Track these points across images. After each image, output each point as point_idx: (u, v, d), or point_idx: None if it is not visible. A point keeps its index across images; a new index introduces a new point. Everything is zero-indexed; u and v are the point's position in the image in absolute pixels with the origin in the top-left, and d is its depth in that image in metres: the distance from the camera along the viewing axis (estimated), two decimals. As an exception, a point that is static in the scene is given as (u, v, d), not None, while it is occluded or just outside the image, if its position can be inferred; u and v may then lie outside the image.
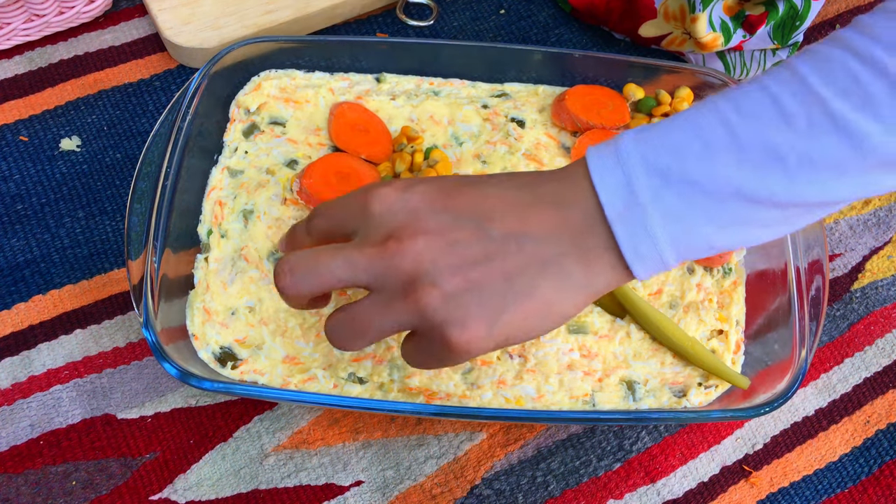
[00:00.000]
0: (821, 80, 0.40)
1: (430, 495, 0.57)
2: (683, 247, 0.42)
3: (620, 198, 0.41)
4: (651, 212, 0.40)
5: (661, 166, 0.40)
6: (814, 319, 0.56)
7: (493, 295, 0.41)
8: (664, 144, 0.41)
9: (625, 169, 0.41)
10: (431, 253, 0.41)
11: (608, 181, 0.41)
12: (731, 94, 0.42)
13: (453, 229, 0.42)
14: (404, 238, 0.42)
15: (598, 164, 0.42)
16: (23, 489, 0.55)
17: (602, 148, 0.43)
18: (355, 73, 0.67)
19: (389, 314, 0.43)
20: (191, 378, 0.51)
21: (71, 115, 0.69)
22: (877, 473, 0.60)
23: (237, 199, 0.60)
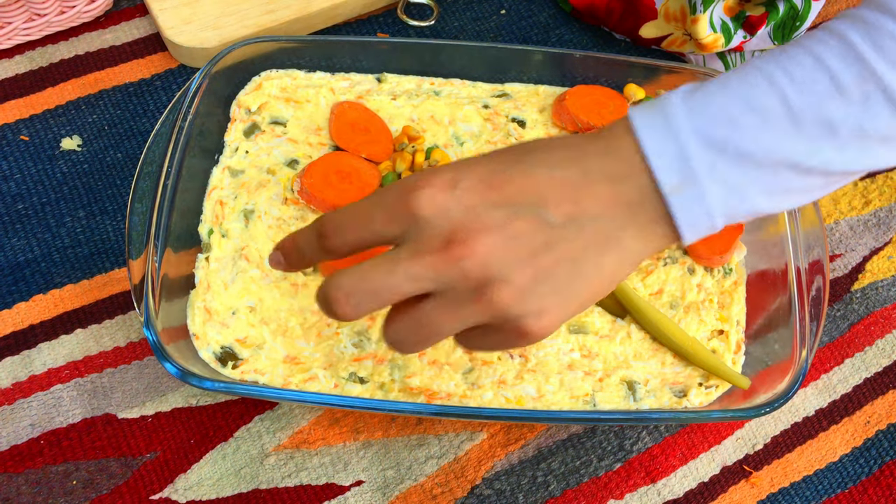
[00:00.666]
0: (872, 50, 0.40)
1: (430, 495, 0.57)
2: (733, 213, 0.42)
3: (676, 171, 0.40)
4: (708, 185, 0.40)
5: (717, 139, 0.40)
6: (814, 320, 0.56)
7: (563, 280, 0.41)
8: (718, 116, 0.40)
9: (678, 141, 0.40)
10: (498, 250, 0.40)
11: (662, 154, 0.40)
12: (779, 59, 0.41)
13: (513, 221, 0.40)
14: (468, 240, 0.40)
15: (648, 134, 0.41)
16: (23, 489, 0.55)
17: (648, 115, 0.41)
18: (356, 73, 0.67)
19: (461, 316, 0.41)
20: (191, 377, 0.51)
21: (72, 114, 0.69)
22: (877, 474, 0.60)
23: (238, 199, 0.60)
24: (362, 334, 0.57)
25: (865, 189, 0.70)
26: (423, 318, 0.41)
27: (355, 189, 0.60)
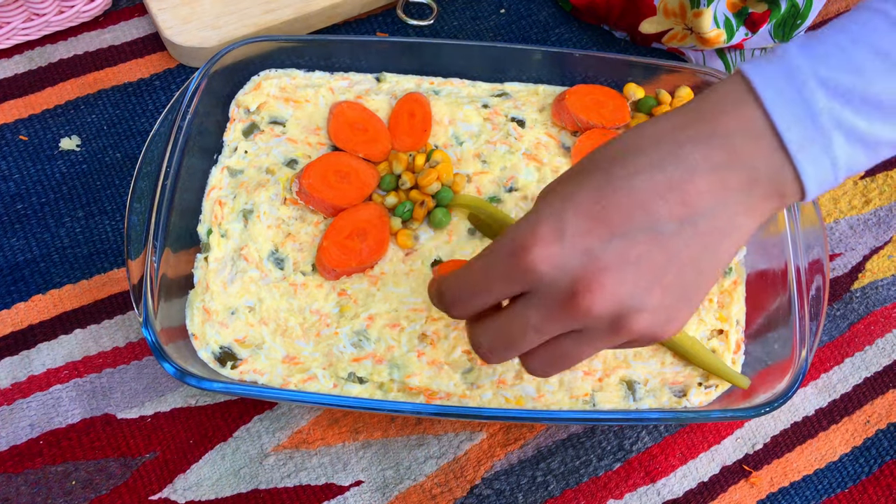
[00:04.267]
0: None
1: (430, 495, 0.57)
2: (856, 164, 0.40)
3: (801, 126, 0.39)
4: (834, 136, 0.39)
5: (844, 89, 0.39)
6: (814, 319, 0.56)
7: (689, 285, 0.41)
8: (844, 65, 0.39)
9: (804, 95, 0.39)
10: (624, 285, 0.40)
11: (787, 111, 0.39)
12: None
13: (630, 249, 0.40)
14: (591, 286, 0.39)
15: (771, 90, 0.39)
16: (22, 489, 0.55)
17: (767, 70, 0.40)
18: (355, 73, 0.66)
19: (599, 346, 0.43)
20: (190, 378, 0.51)
21: (71, 114, 0.69)
22: (877, 473, 0.60)
23: (237, 199, 0.60)
24: (361, 334, 0.56)
25: (865, 188, 0.70)
26: (562, 354, 0.43)
27: (354, 189, 0.60)
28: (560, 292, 0.40)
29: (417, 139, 0.63)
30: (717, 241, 0.41)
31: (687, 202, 0.40)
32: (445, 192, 0.61)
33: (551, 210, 0.41)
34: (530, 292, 0.41)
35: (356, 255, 0.58)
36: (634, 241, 0.40)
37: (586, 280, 0.40)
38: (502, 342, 0.43)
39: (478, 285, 0.43)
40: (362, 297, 0.58)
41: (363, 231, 0.59)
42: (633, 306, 0.40)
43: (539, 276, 0.40)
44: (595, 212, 0.40)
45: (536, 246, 0.40)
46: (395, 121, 0.64)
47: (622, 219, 0.40)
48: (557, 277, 0.40)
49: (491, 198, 0.62)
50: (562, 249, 0.40)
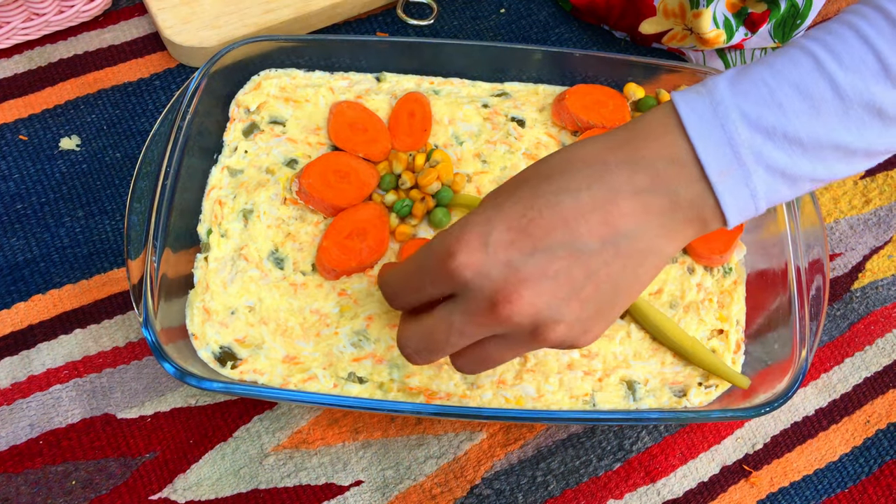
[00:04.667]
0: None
1: (430, 495, 0.57)
2: (776, 196, 0.42)
3: (723, 157, 0.40)
4: (754, 169, 0.40)
5: (766, 125, 0.40)
6: (814, 319, 0.56)
7: (606, 301, 0.43)
8: (767, 102, 0.40)
9: (725, 127, 0.40)
10: (542, 297, 0.41)
11: (708, 139, 0.40)
12: (826, 40, 0.41)
13: (550, 264, 0.41)
14: (511, 297, 0.41)
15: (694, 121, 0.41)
16: (22, 489, 0.55)
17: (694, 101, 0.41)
18: (355, 73, 0.66)
19: (519, 351, 0.45)
20: (190, 378, 0.50)
21: (70, 114, 0.69)
22: (877, 473, 0.60)
23: (237, 199, 0.60)
24: (361, 334, 0.56)
25: (866, 188, 0.70)
26: (485, 356, 0.45)
27: (353, 189, 0.60)
28: (483, 299, 0.42)
29: (417, 139, 0.63)
30: (636, 262, 0.42)
31: (609, 223, 0.41)
32: (445, 192, 0.61)
33: (480, 218, 0.42)
34: (457, 296, 0.43)
35: (356, 254, 0.58)
36: (555, 256, 0.41)
37: (506, 291, 0.41)
38: (426, 344, 0.45)
39: (410, 283, 0.45)
40: (362, 296, 0.58)
41: (363, 231, 0.59)
42: (551, 317, 0.42)
43: (463, 281, 0.42)
44: (520, 224, 0.41)
45: (461, 252, 0.41)
46: (395, 120, 0.64)
47: (544, 234, 0.41)
48: (480, 285, 0.41)
49: (491, 198, 0.62)
50: (485, 258, 0.41)
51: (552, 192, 0.42)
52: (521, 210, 0.42)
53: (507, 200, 0.42)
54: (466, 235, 0.42)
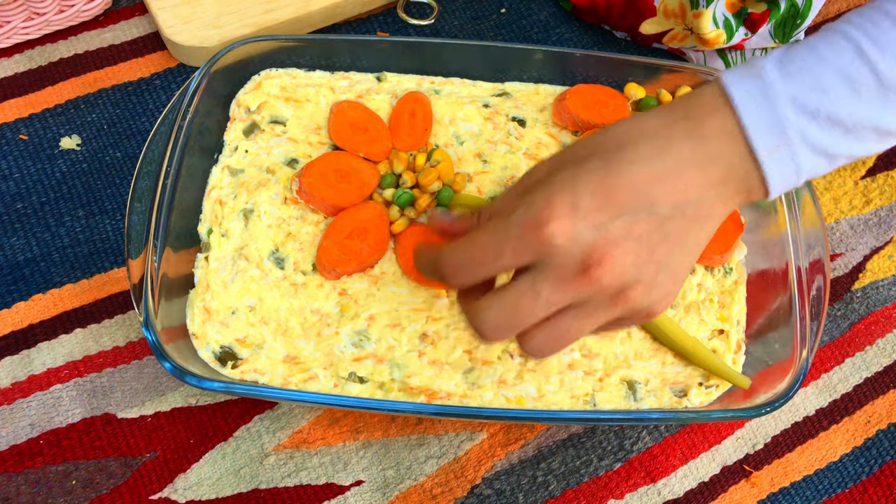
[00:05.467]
0: None
1: (430, 495, 0.57)
2: (816, 171, 0.45)
3: (772, 136, 0.43)
4: (799, 148, 0.44)
5: (811, 107, 0.43)
6: (815, 319, 0.56)
7: (677, 264, 0.45)
8: (812, 84, 0.43)
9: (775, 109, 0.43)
10: (629, 257, 0.43)
11: (759, 121, 0.43)
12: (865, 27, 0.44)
13: (634, 225, 0.43)
14: (603, 259, 0.43)
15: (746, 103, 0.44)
16: (23, 488, 0.55)
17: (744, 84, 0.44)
18: (356, 72, 0.66)
19: (597, 320, 0.45)
20: (191, 377, 0.50)
21: (71, 113, 0.69)
22: (877, 473, 0.60)
23: (237, 199, 0.60)
24: (362, 334, 0.56)
25: (866, 188, 0.70)
26: (563, 330, 0.45)
27: (354, 188, 0.60)
28: (573, 264, 0.43)
29: (418, 139, 0.63)
30: (699, 226, 0.45)
31: (679, 190, 0.44)
32: (446, 192, 0.61)
33: (563, 187, 0.43)
34: (538, 265, 0.43)
35: (356, 254, 0.58)
36: (637, 218, 0.43)
37: (597, 254, 0.43)
38: (509, 318, 0.45)
39: (486, 255, 0.45)
40: (363, 296, 0.58)
41: (363, 231, 0.59)
42: (634, 278, 0.44)
43: (554, 248, 0.43)
44: (603, 189, 0.43)
45: (554, 220, 0.42)
46: (395, 120, 0.64)
47: (627, 198, 0.43)
48: (571, 250, 0.43)
49: (492, 197, 0.62)
50: (576, 223, 0.42)
51: (626, 161, 0.44)
52: (601, 176, 0.43)
53: (581, 169, 0.44)
54: (555, 203, 0.43)
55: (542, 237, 0.43)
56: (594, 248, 0.43)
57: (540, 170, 0.46)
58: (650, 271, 0.44)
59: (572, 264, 0.43)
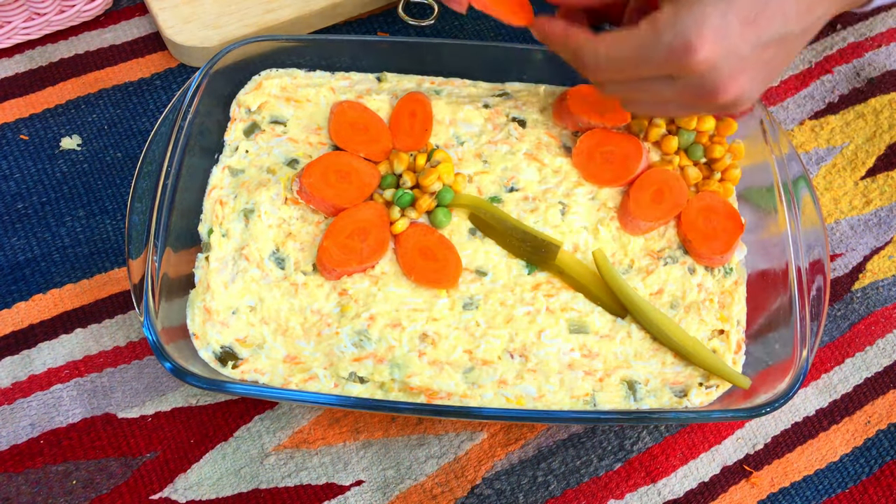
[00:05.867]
0: None
1: (430, 495, 0.57)
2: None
3: None
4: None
5: None
6: (815, 319, 0.56)
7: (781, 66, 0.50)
8: None
9: None
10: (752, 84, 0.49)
11: None
12: None
13: (765, 50, 0.48)
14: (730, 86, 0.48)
15: None
16: (23, 488, 0.55)
17: None
18: (356, 73, 0.66)
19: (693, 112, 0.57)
20: (191, 377, 0.51)
21: (71, 113, 0.69)
22: (877, 473, 0.60)
23: (238, 199, 0.60)
24: (362, 334, 0.56)
25: (866, 188, 0.70)
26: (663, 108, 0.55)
27: (354, 189, 0.60)
28: (705, 87, 0.48)
29: (418, 139, 0.63)
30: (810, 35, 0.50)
31: (811, 9, 0.48)
32: (446, 192, 0.61)
33: (716, 11, 0.46)
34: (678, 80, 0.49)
35: (357, 254, 0.58)
36: (770, 43, 0.48)
37: (729, 81, 0.48)
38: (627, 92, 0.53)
39: (628, 64, 0.49)
40: (363, 296, 0.58)
41: (364, 231, 0.59)
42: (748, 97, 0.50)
43: (695, 74, 0.47)
44: (749, 17, 0.46)
45: (703, 48, 0.46)
46: (395, 120, 0.64)
47: (767, 24, 0.47)
48: (709, 76, 0.47)
49: (492, 198, 0.62)
50: (720, 52, 0.47)
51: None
52: (750, 4, 0.46)
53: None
54: (706, 31, 0.46)
55: (687, 62, 0.47)
56: (728, 76, 0.47)
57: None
58: (762, 88, 0.50)
59: (704, 88, 0.48)
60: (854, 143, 0.72)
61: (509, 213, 0.61)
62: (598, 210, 0.62)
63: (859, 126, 0.73)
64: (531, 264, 0.60)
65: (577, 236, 0.61)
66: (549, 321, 0.58)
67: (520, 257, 0.60)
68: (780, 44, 0.48)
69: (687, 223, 0.61)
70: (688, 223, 0.61)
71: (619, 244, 0.61)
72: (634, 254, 0.61)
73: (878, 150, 0.72)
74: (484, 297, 0.58)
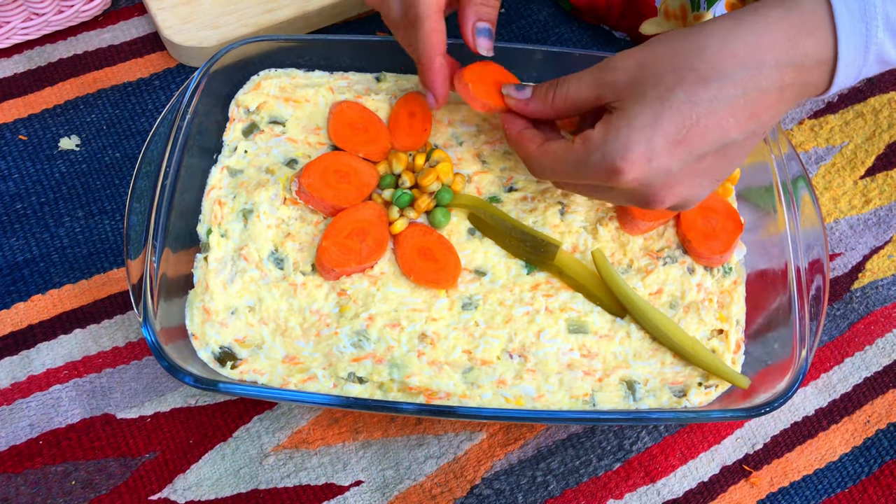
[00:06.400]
0: None
1: (429, 495, 0.57)
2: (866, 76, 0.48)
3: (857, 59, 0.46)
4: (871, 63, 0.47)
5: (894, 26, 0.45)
6: (814, 319, 0.56)
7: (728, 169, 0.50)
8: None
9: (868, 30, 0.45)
10: (688, 191, 0.49)
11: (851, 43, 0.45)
12: None
13: (700, 163, 0.48)
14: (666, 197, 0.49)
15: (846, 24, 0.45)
16: (22, 489, 0.55)
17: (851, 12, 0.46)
18: (355, 73, 0.66)
19: None
20: (190, 378, 0.50)
21: (70, 114, 0.69)
22: (877, 473, 0.60)
23: (237, 199, 0.60)
24: (361, 334, 0.56)
25: (865, 188, 0.70)
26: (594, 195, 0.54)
27: (353, 189, 0.60)
28: (641, 199, 0.49)
29: (417, 139, 0.63)
30: (759, 138, 0.49)
31: (755, 116, 0.47)
32: (445, 192, 0.61)
33: (641, 136, 0.47)
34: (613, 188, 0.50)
35: (356, 254, 0.58)
36: (706, 156, 0.47)
37: (662, 193, 0.48)
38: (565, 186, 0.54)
39: (569, 176, 0.51)
40: (362, 296, 0.58)
41: (363, 231, 0.59)
42: (685, 202, 0.50)
43: (624, 190, 0.49)
44: (679, 137, 0.46)
45: (630, 171, 0.47)
46: (394, 120, 0.64)
47: (700, 140, 0.46)
48: (641, 191, 0.48)
49: (491, 198, 0.62)
50: (648, 171, 0.47)
51: (708, 101, 0.46)
52: (680, 122, 0.46)
53: (665, 109, 0.46)
54: (631, 156, 0.47)
55: (615, 182, 0.48)
56: (661, 189, 0.48)
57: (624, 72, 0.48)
58: (708, 191, 0.50)
59: (636, 199, 0.50)
60: (853, 143, 0.72)
61: (508, 213, 0.61)
62: (598, 210, 0.62)
63: (858, 125, 0.73)
64: (530, 264, 0.60)
65: (577, 236, 0.61)
66: (549, 321, 0.58)
67: (519, 257, 0.60)
68: (721, 153, 0.47)
69: (686, 223, 0.61)
70: (687, 223, 0.61)
71: (618, 244, 0.61)
72: (633, 254, 0.61)
73: (878, 149, 0.72)
74: (483, 297, 0.58)
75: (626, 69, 0.48)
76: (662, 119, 0.46)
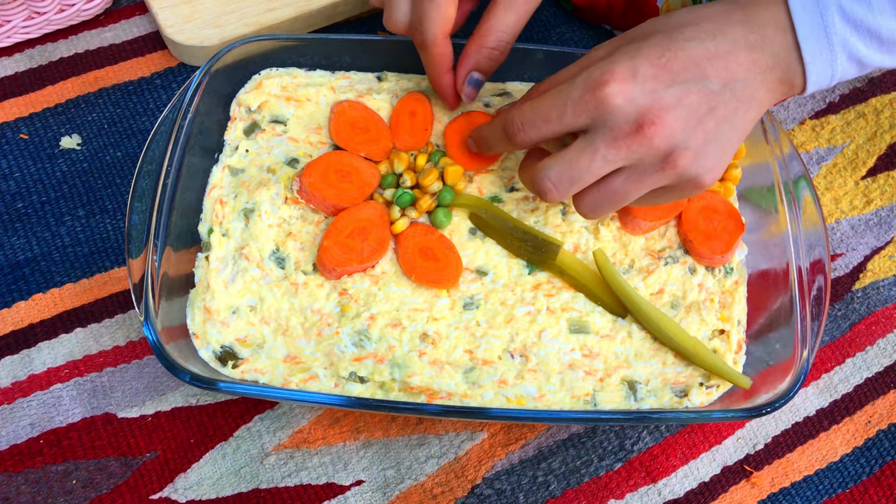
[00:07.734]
0: None
1: (430, 495, 0.57)
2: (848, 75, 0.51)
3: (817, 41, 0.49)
4: (839, 53, 0.49)
5: (855, 19, 0.48)
6: (815, 319, 0.56)
7: (725, 137, 0.50)
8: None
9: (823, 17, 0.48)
10: (679, 123, 0.48)
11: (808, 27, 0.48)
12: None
13: (686, 95, 0.48)
14: (656, 120, 0.47)
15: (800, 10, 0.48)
16: (23, 488, 0.55)
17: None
18: (356, 72, 0.66)
19: (647, 183, 0.50)
20: (191, 377, 0.50)
21: (71, 113, 0.69)
22: (878, 473, 0.60)
23: (238, 198, 0.60)
24: (362, 334, 0.56)
25: (867, 188, 0.70)
26: (614, 191, 0.50)
27: (355, 188, 0.60)
28: (627, 123, 0.48)
29: (419, 138, 0.63)
30: (745, 106, 0.50)
31: (729, 69, 0.48)
32: (447, 192, 0.61)
33: (624, 56, 0.49)
34: (596, 126, 0.49)
35: (357, 254, 0.58)
36: (689, 90, 0.48)
37: (651, 114, 0.47)
38: (569, 174, 0.50)
39: (550, 113, 0.50)
40: (363, 296, 0.58)
41: (364, 230, 0.59)
42: (683, 142, 0.48)
43: (612, 107, 0.48)
44: (661, 62, 0.48)
45: (613, 82, 0.48)
46: (396, 120, 0.64)
47: (681, 70, 0.48)
48: (627, 110, 0.48)
49: (492, 197, 0.62)
50: (633, 86, 0.48)
51: (683, 39, 0.49)
52: (659, 51, 0.48)
53: (644, 44, 0.49)
54: (617, 68, 0.48)
55: (601, 97, 0.48)
56: (648, 110, 0.47)
57: (604, 48, 0.51)
58: (698, 139, 0.48)
59: (626, 123, 0.48)
60: (855, 143, 0.72)
61: (510, 213, 0.61)
62: (599, 210, 0.62)
63: (860, 125, 0.73)
64: (532, 264, 0.60)
65: (578, 236, 0.61)
66: (550, 321, 0.58)
67: (520, 257, 0.60)
68: (703, 94, 0.48)
69: (688, 223, 0.61)
70: (688, 223, 0.61)
71: (619, 244, 0.61)
72: (635, 253, 0.61)
73: (879, 149, 0.72)
74: (484, 297, 0.58)
75: (605, 45, 0.52)
76: (643, 50, 0.49)
